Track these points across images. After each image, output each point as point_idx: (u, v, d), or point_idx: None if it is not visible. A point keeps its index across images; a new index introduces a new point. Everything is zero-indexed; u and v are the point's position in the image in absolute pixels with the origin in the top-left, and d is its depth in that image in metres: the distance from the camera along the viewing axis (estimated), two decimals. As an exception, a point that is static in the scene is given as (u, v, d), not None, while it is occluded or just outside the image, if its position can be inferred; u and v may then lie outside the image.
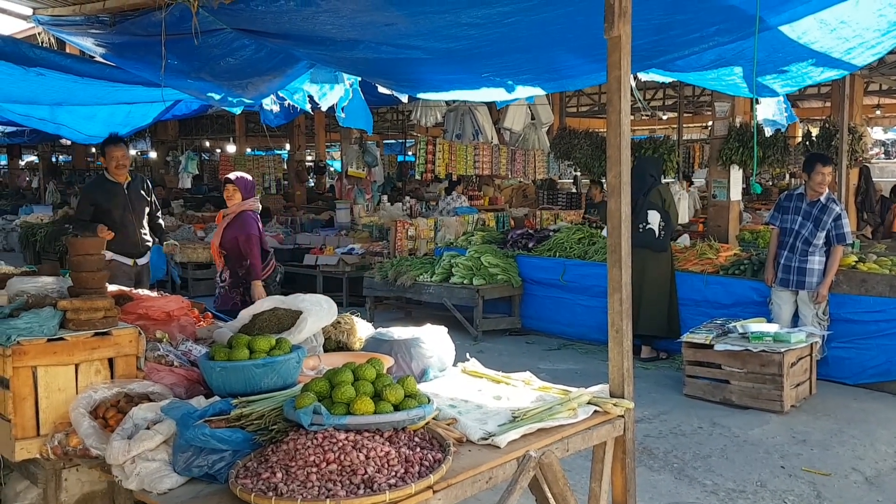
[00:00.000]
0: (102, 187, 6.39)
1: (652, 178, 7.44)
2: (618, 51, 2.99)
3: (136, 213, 6.42)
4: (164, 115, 7.69)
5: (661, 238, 7.28)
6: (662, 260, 7.35)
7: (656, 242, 7.27)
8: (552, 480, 2.73)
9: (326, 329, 3.78)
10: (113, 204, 6.28)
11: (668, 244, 7.41)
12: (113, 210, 6.27)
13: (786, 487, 4.56)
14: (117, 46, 4.93)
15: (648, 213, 7.27)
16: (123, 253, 6.33)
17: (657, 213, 7.26)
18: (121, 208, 6.30)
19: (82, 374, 2.84)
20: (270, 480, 2.28)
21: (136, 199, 6.46)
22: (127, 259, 6.37)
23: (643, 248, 7.17)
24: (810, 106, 20.32)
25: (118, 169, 6.29)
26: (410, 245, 10.79)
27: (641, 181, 7.36)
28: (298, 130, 17.47)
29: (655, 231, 7.26)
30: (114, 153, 6.30)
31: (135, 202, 6.43)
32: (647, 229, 7.26)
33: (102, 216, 6.22)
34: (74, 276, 3.10)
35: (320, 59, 4.54)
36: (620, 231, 3.13)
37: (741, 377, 5.95)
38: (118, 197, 6.32)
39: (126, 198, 6.36)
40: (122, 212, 6.30)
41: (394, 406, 2.61)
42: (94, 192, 6.46)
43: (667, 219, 7.33)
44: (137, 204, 6.45)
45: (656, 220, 7.26)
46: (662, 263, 7.35)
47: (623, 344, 3.15)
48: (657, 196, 7.30)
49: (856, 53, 4.02)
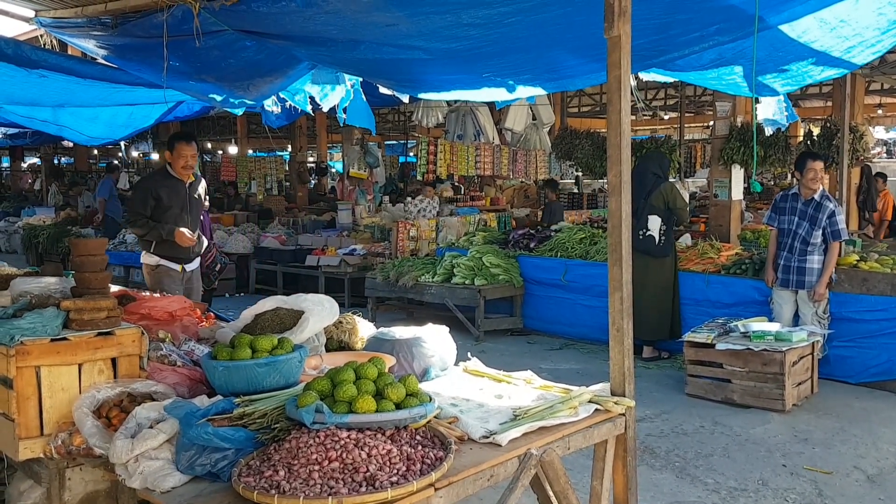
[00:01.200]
0: (165, 181, 5.77)
1: (655, 177, 7.37)
2: (618, 50, 3.00)
3: (192, 216, 5.89)
4: (166, 116, 7.70)
5: (661, 244, 7.24)
6: (664, 265, 7.33)
7: (656, 249, 7.24)
8: (553, 478, 2.73)
9: (328, 329, 3.79)
10: (173, 202, 5.74)
11: (671, 248, 7.38)
12: (172, 209, 5.73)
13: (787, 486, 4.56)
14: (119, 48, 4.94)
15: (649, 219, 7.21)
16: (172, 258, 5.79)
17: (658, 217, 7.21)
18: (179, 208, 5.76)
19: (85, 373, 2.86)
20: (273, 478, 2.29)
21: (195, 202, 5.94)
22: (175, 265, 5.81)
23: (643, 255, 7.15)
24: (812, 105, 20.32)
25: (185, 169, 5.74)
26: (412, 246, 10.80)
27: (642, 181, 7.30)
28: (300, 132, 17.48)
29: (656, 238, 7.22)
30: (183, 151, 5.70)
31: (193, 204, 5.90)
32: (648, 236, 7.22)
33: (158, 214, 5.70)
34: (77, 277, 3.12)
35: (321, 60, 4.55)
36: (621, 230, 3.14)
37: (743, 376, 5.96)
38: (179, 195, 5.78)
39: (186, 198, 5.82)
40: (179, 212, 5.76)
41: (395, 405, 2.62)
42: (157, 185, 5.79)
43: (669, 221, 7.30)
44: (195, 206, 5.95)
45: (657, 225, 7.22)
46: (665, 268, 7.33)
47: (624, 342, 3.16)
48: (659, 198, 7.24)
49: (856, 52, 4.03)
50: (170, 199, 5.70)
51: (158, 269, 5.71)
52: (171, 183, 5.74)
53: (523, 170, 13.63)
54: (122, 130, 8.14)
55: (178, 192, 5.75)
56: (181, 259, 5.84)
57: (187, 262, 5.89)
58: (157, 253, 5.75)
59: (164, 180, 5.77)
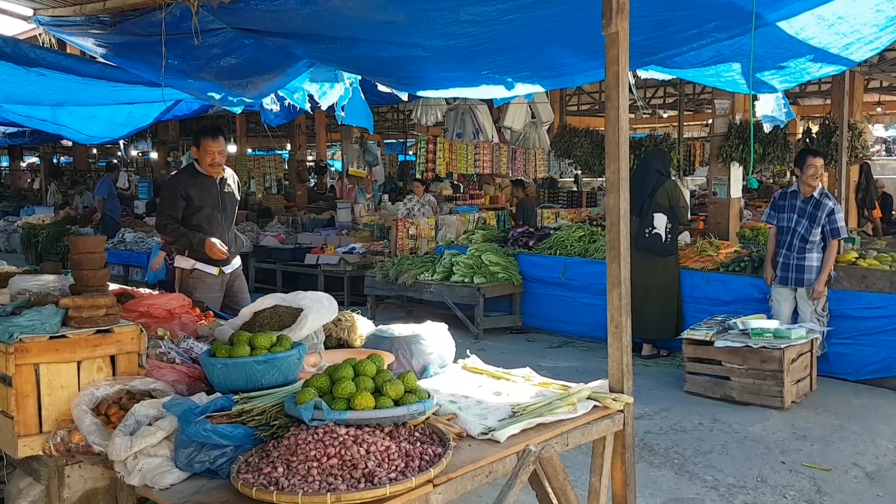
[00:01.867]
0: (194, 179, 5.31)
1: (658, 174, 7.36)
2: (615, 47, 3.00)
3: (226, 214, 5.44)
4: (164, 115, 7.68)
5: (667, 243, 7.25)
6: (669, 264, 7.34)
7: (663, 248, 7.24)
8: (552, 475, 2.74)
9: (327, 326, 3.79)
10: (204, 201, 5.29)
11: (675, 247, 7.40)
12: (204, 208, 5.30)
13: (786, 483, 4.57)
14: (118, 46, 4.94)
15: (654, 217, 7.21)
16: (208, 261, 5.32)
17: (664, 215, 7.22)
18: (211, 207, 5.32)
19: (84, 371, 2.86)
20: (272, 475, 2.29)
21: (229, 198, 5.48)
22: (211, 268, 5.36)
23: (649, 253, 7.15)
24: (811, 103, 20.33)
25: (212, 167, 5.28)
26: (411, 244, 10.81)
27: (645, 179, 7.30)
28: (299, 130, 17.49)
29: (662, 236, 7.22)
30: (210, 147, 5.22)
31: (226, 201, 5.45)
32: (654, 234, 7.21)
33: (189, 215, 5.28)
34: (76, 274, 3.12)
35: (320, 58, 4.55)
36: (619, 227, 3.14)
37: (742, 373, 5.96)
38: (210, 193, 5.32)
39: (218, 195, 5.36)
40: (211, 210, 5.32)
41: (394, 401, 2.62)
42: (185, 184, 5.30)
43: (674, 219, 7.30)
44: (229, 203, 5.49)
45: (662, 223, 7.22)
46: (670, 267, 7.34)
47: (622, 339, 3.16)
48: (664, 196, 7.24)
49: (854, 49, 4.03)
50: (200, 198, 5.27)
51: (193, 275, 5.32)
52: (201, 181, 5.30)
53: (522, 168, 13.62)
54: (121, 129, 8.12)
55: (209, 191, 5.32)
56: (217, 261, 5.37)
57: (225, 263, 5.42)
58: (192, 255, 5.34)
59: (192, 179, 5.33)
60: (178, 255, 5.44)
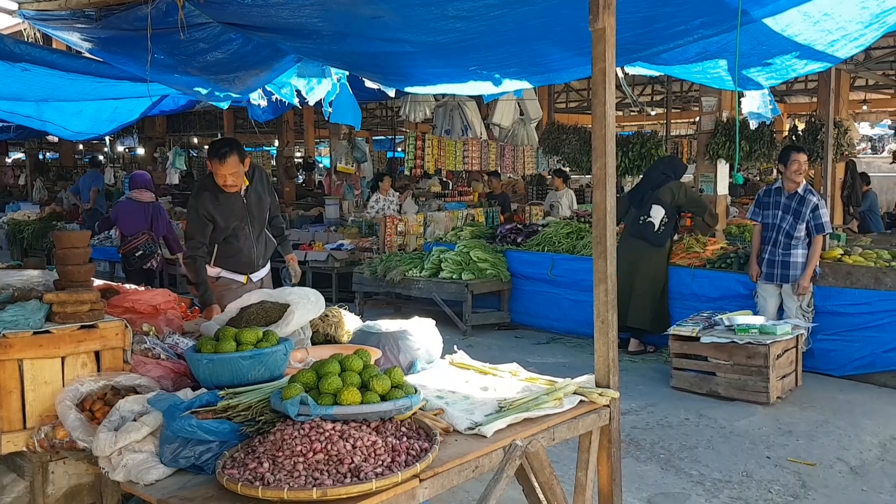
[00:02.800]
0: (216, 197, 4.85)
1: (665, 176, 7.53)
2: (602, 42, 3.01)
3: (254, 225, 5.05)
4: (150, 110, 7.63)
5: (659, 232, 7.34)
6: (657, 255, 7.40)
7: (653, 236, 7.32)
8: (538, 469, 2.75)
9: (314, 322, 3.79)
10: (230, 219, 4.91)
11: (667, 241, 7.46)
12: (230, 225, 4.93)
13: (771, 477, 4.60)
14: (103, 41, 4.90)
15: (653, 208, 7.35)
16: (234, 269, 5.05)
17: (662, 208, 7.33)
18: (238, 220, 4.95)
19: (69, 366, 2.84)
20: (257, 470, 2.29)
21: (257, 206, 5.04)
22: (238, 276, 5.06)
23: (639, 240, 7.25)
24: (797, 101, 20.43)
25: (228, 187, 4.81)
26: (400, 241, 10.80)
27: (650, 178, 7.58)
28: (287, 126, 17.41)
29: (655, 225, 7.33)
30: (219, 171, 4.75)
31: (254, 210, 5.02)
32: (647, 222, 7.33)
33: (217, 235, 4.92)
34: (60, 270, 3.10)
35: (307, 53, 4.53)
36: (606, 223, 3.15)
37: (727, 369, 6.00)
38: (235, 207, 4.91)
39: (244, 208, 4.95)
40: (239, 223, 4.95)
41: (381, 396, 2.62)
42: (208, 203, 4.84)
43: (672, 217, 7.40)
44: (258, 211, 5.05)
45: (659, 214, 7.33)
46: (656, 258, 7.40)
47: (609, 334, 3.17)
48: (667, 193, 7.37)
49: (839, 46, 4.05)
50: (226, 218, 4.89)
51: (219, 283, 5.01)
52: (224, 198, 4.87)
53: (511, 165, 13.63)
54: (107, 125, 8.06)
55: (234, 207, 4.92)
56: (249, 266, 5.08)
57: (252, 270, 5.11)
58: (218, 263, 5.02)
59: (214, 197, 4.85)
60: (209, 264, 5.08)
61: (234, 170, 4.76)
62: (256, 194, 5.03)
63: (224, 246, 4.95)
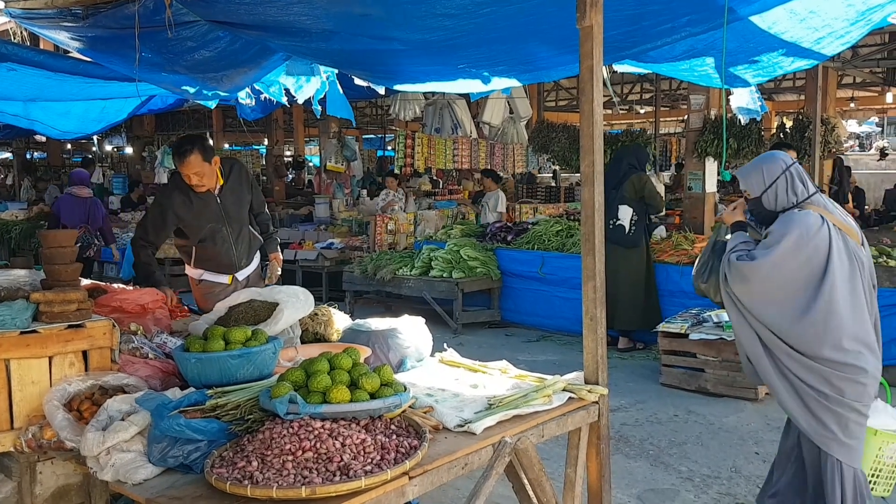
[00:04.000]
0: (188, 199, 4.64)
1: (630, 167, 7.40)
2: (590, 40, 3.02)
3: (232, 226, 4.81)
4: (139, 109, 7.59)
5: (631, 234, 7.30)
6: (635, 255, 7.38)
7: (626, 239, 7.29)
8: (528, 466, 2.76)
9: (304, 321, 3.78)
10: (203, 219, 4.71)
11: (642, 238, 7.42)
12: (204, 226, 4.73)
13: (760, 473, 4.62)
14: (91, 40, 4.87)
15: (619, 209, 7.29)
16: (217, 270, 4.89)
17: (629, 207, 7.28)
18: (213, 221, 4.74)
19: (56, 366, 2.83)
20: (246, 469, 2.28)
21: (235, 206, 4.82)
22: (221, 276, 4.89)
23: (613, 244, 7.20)
24: (785, 99, 20.55)
25: (196, 187, 4.61)
26: (390, 239, 10.80)
27: (615, 172, 7.35)
28: (276, 125, 17.39)
29: (626, 227, 7.29)
30: (182, 170, 4.57)
31: (231, 210, 4.79)
32: (618, 225, 7.28)
33: (193, 235, 4.76)
34: (47, 269, 3.08)
35: (296, 51, 4.52)
36: (594, 220, 3.16)
37: (716, 366, 6.02)
38: (209, 208, 4.70)
39: (219, 209, 4.73)
40: (214, 224, 4.75)
41: (370, 395, 2.62)
42: (176, 203, 4.64)
43: (641, 212, 7.34)
44: (236, 211, 4.83)
45: (627, 215, 7.28)
46: (634, 258, 7.38)
47: (597, 331, 3.18)
48: (630, 188, 7.29)
49: (825, 43, 4.07)
50: (199, 220, 4.69)
51: (202, 285, 4.91)
52: (196, 199, 4.67)
53: (501, 163, 13.65)
54: (95, 125, 8.02)
55: (208, 208, 4.70)
56: (230, 267, 4.88)
57: (235, 270, 4.92)
58: (198, 265, 4.89)
59: (187, 199, 4.66)
60: (186, 265, 5.03)
61: (197, 169, 4.54)
62: (234, 193, 4.82)
63: (201, 248, 4.82)
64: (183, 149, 4.55)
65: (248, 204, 4.97)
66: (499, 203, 11.22)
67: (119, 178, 18.20)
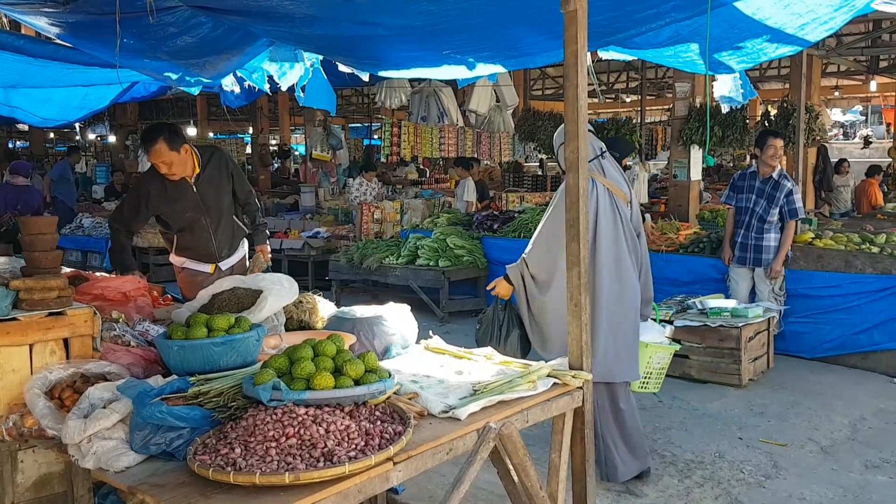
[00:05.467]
0: (164, 187, 4.63)
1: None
2: (574, 25, 3.00)
3: (211, 215, 4.78)
4: (121, 97, 7.53)
5: None
6: None
7: None
8: (512, 451, 2.76)
9: (288, 308, 3.76)
10: (179, 208, 4.69)
11: None
12: (181, 215, 4.72)
13: (743, 458, 4.66)
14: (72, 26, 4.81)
15: None
16: (198, 259, 4.87)
17: None
18: (191, 211, 4.71)
19: (37, 354, 2.80)
20: (229, 456, 2.27)
21: (213, 195, 4.77)
22: (203, 266, 4.88)
23: None
24: (770, 87, 20.64)
25: (169, 175, 4.59)
26: (376, 228, 10.77)
27: None
28: (261, 114, 17.29)
29: None
30: (151, 159, 4.55)
31: (209, 200, 4.75)
32: None
33: (168, 220, 4.77)
34: (27, 256, 3.04)
35: (279, 37, 4.48)
36: (579, 206, 3.16)
37: (700, 352, 6.06)
38: (185, 197, 4.67)
39: (197, 199, 4.69)
40: (192, 214, 4.72)
41: (354, 381, 2.61)
42: (152, 191, 4.64)
43: None
44: (214, 200, 4.79)
45: None
46: None
47: (582, 317, 3.18)
48: None
49: (809, 29, 4.08)
50: (175, 209, 4.69)
51: (184, 273, 4.90)
52: (172, 187, 4.64)
53: (487, 152, 13.63)
54: (77, 112, 7.95)
55: (184, 197, 4.67)
56: (210, 257, 4.85)
57: (219, 259, 4.90)
58: (180, 253, 4.87)
59: (163, 187, 4.64)
60: (170, 253, 5.03)
61: (164, 158, 4.49)
62: (211, 182, 4.76)
63: (181, 237, 4.82)
64: (148, 137, 4.52)
65: (228, 193, 4.90)
66: (466, 191, 11.21)
67: (102, 168, 18.04)
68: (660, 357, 4.70)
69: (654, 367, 4.67)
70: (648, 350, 4.56)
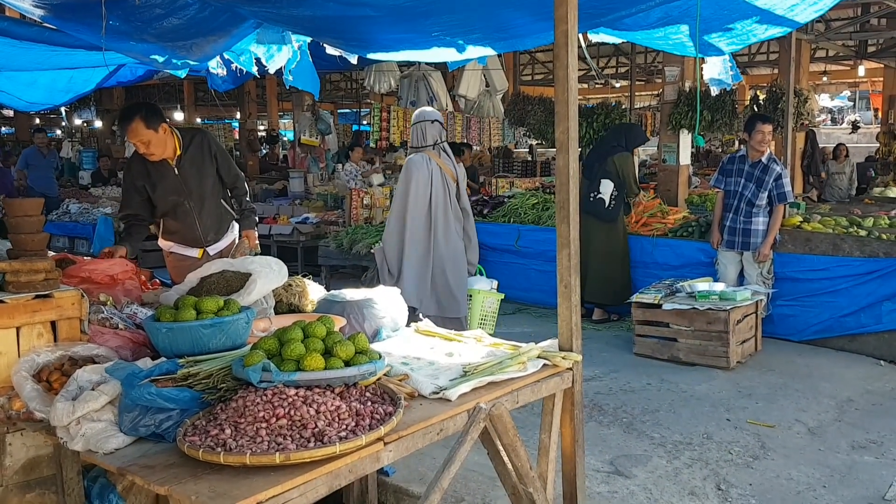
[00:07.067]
0: (146, 168, 4.65)
1: (615, 147, 7.48)
2: (564, 4, 2.99)
3: (193, 199, 4.75)
4: (107, 80, 7.44)
5: (610, 208, 7.35)
6: (611, 231, 7.42)
7: (605, 212, 7.34)
8: (502, 431, 2.77)
9: (278, 292, 3.74)
10: (161, 189, 4.68)
11: (619, 215, 7.47)
12: (165, 198, 4.71)
13: (731, 439, 4.69)
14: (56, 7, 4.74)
15: (602, 183, 7.34)
16: (184, 243, 4.86)
17: (610, 182, 7.33)
18: (174, 194, 4.70)
19: (24, 337, 2.78)
20: (219, 437, 2.26)
21: (195, 178, 4.73)
22: (191, 250, 4.86)
23: (590, 216, 7.23)
24: (759, 72, 20.67)
25: (149, 155, 4.57)
26: (366, 214, 10.72)
27: (601, 148, 7.49)
28: (249, 98, 17.17)
29: (606, 201, 7.33)
30: (129, 139, 4.56)
31: (191, 183, 4.72)
32: (598, 199, 7.34)
33: (154, 202, 4.77)
34: (13, 238, 3.02)
35: (266, 17, 4.44)
36: (569, 188, 3.15)
37: (688, 335, 6.09)
38: (166, 179, 4.66)
39: (179, 181, 4.68)
40: (176, 198, 4.71)
41: (345, 362, 2.60)
42: (137, 174, 4.68)
43: (621, 189, 7.39)
44: (197, 184, 4.75)
45: (608, 189, 7.33)
46: (611, 234, 7.42)
47: (571, 298, 3.19)
48: (612, 165, 7.36)
49: (798, 10, 4.08)
50: (158, 191, 4.69)
51: (172, 257, 4.91)
52: (154, 168, 4.64)
53: (477, 137, 13.59)
54: (62, 96, 7.85)
55: (165, 177, 4.66)
56: (196, 241, 4.85)
57: (205, 243, 4.88)
58: (167, 237, 4.87)
59: (145, 169, 4.65)
60: (159, 237, 5.02)
61: (141, 137, 4.45)
62: (193, 165, 4.71)
63: (166, 222, 4.83)
64: (125, 115, 4.51)
65: (211, 176, 4.82)
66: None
67: (89, 153, 17.88)
68: (490, 302, 5.89)
69: (486, 309, 5.87)
70: (480, 295, 5.80)
